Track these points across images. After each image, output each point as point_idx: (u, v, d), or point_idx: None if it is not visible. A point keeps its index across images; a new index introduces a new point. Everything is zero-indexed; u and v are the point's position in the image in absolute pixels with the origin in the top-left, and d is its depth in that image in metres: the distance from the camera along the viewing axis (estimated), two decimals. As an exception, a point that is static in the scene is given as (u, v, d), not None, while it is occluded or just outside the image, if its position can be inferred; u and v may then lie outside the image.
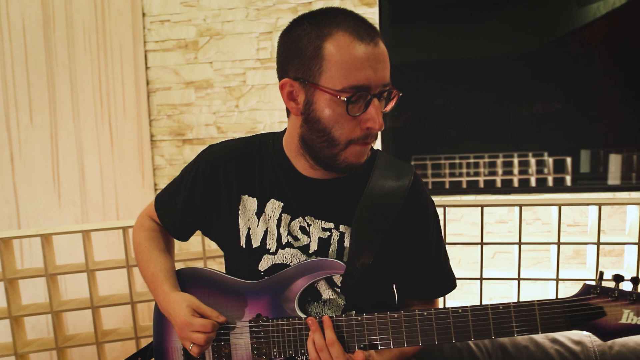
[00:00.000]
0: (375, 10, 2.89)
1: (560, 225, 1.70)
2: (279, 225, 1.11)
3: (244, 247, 1.12)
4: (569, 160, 2.93)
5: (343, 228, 1.10)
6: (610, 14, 2.80)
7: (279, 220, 1.12)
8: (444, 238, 2.00)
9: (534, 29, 2.89)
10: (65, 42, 2.50)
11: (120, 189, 2.69)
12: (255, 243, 1.12)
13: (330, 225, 1.11)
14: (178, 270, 1.21)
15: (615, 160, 2.90)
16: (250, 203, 1.13)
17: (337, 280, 1.09)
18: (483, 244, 1.80)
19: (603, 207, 1.71)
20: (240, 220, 1.13)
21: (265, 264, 1.11)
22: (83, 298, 1.78)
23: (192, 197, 1.18)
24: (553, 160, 2.94)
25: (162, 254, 1.22)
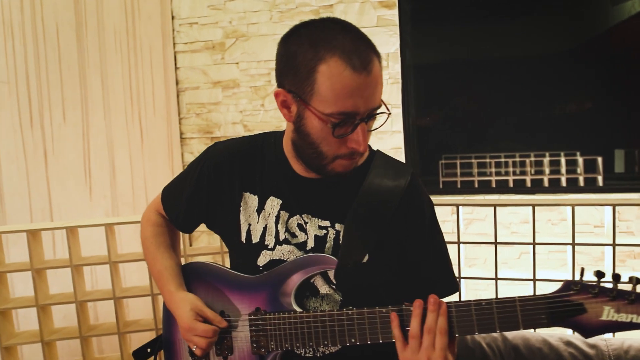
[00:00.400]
0: (395, 12, 2.89)
1: (575, 226, 1.67)
2: (277, 222, 1.15)
3: (244, 242, 1.16)
4: (600, 160, 2.87)
5: (339, 226, 1.12)
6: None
7: (278, 218, 1.15)
8: (459, 237, 2.00)
9: (567, 28, 2.84)
10: (97, 44, 2.61)
11: (150, 185, 2.78)
12: (255, 239, 1.15)
13: (327, 224, 1.13)
14: (184, 265, 1.26)
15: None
16: (252, 200, 1.17)
17: (331, 276, 1.11)
18: (497, 244, 1.79)
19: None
20: (242, 217, 1.17)
21: (264, 259, 1.14)
22: (106, 289, 1.87)
23: (196, 192, 1.22)
24: (584, 160, 2.87)
25: (167, 251, 1.27)
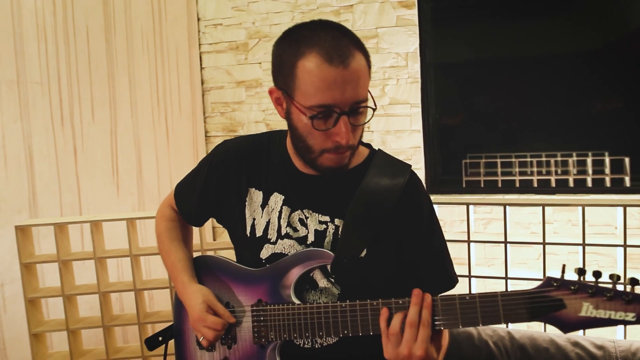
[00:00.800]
0: (414, 12, 2.91)
1: (585, 227, 1.67)
2: (280, 217, 1.20)
3: (249, 236, 1.22)
4: (628, 161, 2.82)
5: (338, 222, 1.17)
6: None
7: (280, 213, 1.20)
8: (469, 236, 2.01)
9: (595, 27, 2.81)
10: (125, 46, 2.72)
11: (175, 182, 2.83)
12: (259, 233, 1.21)
13: (327, 219, 1.18)
14: (195, 258, 1.33)
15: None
16: (257, 195, 1.23)
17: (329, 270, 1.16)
18: (507, 243, 1.80)
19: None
20: (247, 211, 1.23)
21: (266, 253, 1.20)
22: (128, 281, 1.96)
23: (206, 188, 1.29)
24: (610, 160, 2.83)
25: (180, 245, 1.34)
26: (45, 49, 2.33)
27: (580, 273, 0.89)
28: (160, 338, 1.34)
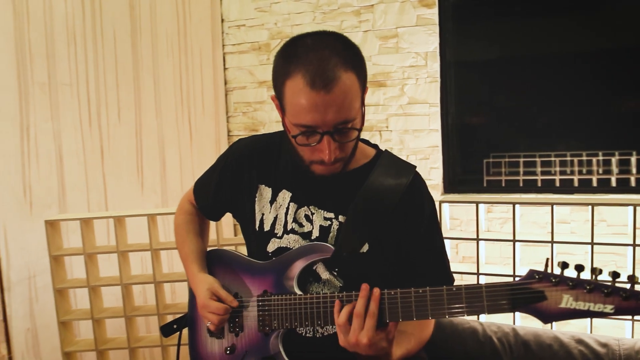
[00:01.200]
0: (434, 11, 2.93)
1: (594, 227, 1.67)
2: (287, 213, 1.27)
3: (257, 230, 1.29)
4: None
5: (342, 218, 1.23)
6: None
7: (287, 209, 1.27)
8: (478, 235, 2.02)
9: (619, 25, 2.77)
10: (150, 49, 2.82)
11: (199, 180, 2.96)
12: (266, 227, 1.28)
13: (331, 215, 1.24)
14: (209, 251, 1.41)
15: None
16: (266, 192, 1.30)
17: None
18: (515, 241, 1.82)
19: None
20: (256, 207, 1.30)
21: (273, 246, 1.26)
22: (149, 274, 2.05)
23: (221, 185, 1.37)
24: (637, 160, 2.79)
25: (195, 237, 1.43)
26: (75, 53, 2.45)
27: (564, 267, 0.93)
28: (175, 326, 1.42)
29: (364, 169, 1.25)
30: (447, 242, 2.34)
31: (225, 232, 1.98)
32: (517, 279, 0.97)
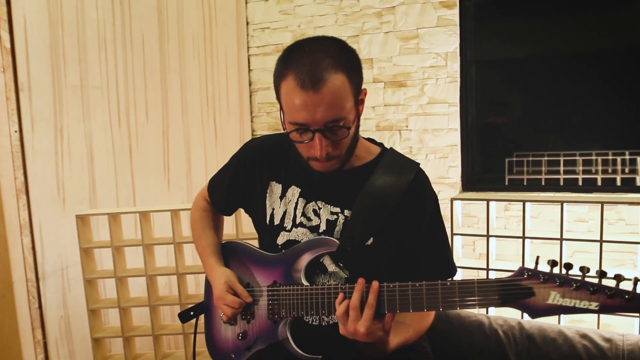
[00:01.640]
0: (455, 12, 2.95)
1: (603, 225, 1.69)
2: (296, 208, 1.34)
3: (268, 224, 1.37)
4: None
5: (347, 213, 1.30)
6: None
7: (296, 204, 1.35)
8: (488, 231, 2.02)
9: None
10: (177, 51, 2.94)
11: (223, 178, 3.07)
12: (276, 221, 1.36)
13: (337, 210, 1.31)
14: (223, 243, 1.50)
15: None
16: (277, 188, 1.38)
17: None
18: (525, 238, 1.85)
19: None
20: (267, 202, 1.38)
21: (282, 239, 1.34)
22: (172, 266, 2.16)
23: (234, 181, 1.45)
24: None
25: (211, 232, 1.52)
26: (105, 57, 2.58)
27: (553, 265, 0.98)
28: (192, 313, 1.51)
29: (369, 166, 1.32)
30: (459, 238, 2.39)
31: (245, 227, 2.06)
32: (508, 275, 1.02)
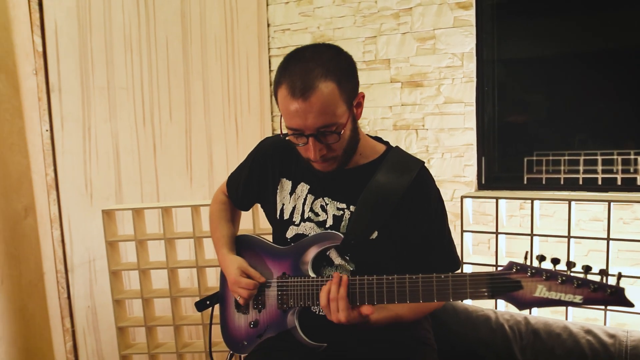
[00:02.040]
0: (471, 13, 2.98)
1: (610, 224, 1.71)
2: (304, 203, 1.42)
3: (278, 218, 1.45)
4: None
5: (353, 208, 1.37)
6: None
7: (305, 199, 1.42)
8: (497, 229, 2.04)
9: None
10: (200, 53, 3.04)
11: (244, 176, 3.16)
12: (286, 216, 1.44)
13: (343, 206, 1.38)
14: (237, 236, 1.58)
15: None
16: (287, 184, 1.46)
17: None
18: (533, 235, 1.89)
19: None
20: (278, 197, 1.46)
21: (291, 233, 1.42)
22: (193, 260, 2.26)
23: (249, 179, 1.54)
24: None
25: (227, 224, 1.60)
26: (131, 59, 2.70)
27: (541, 260, 1.03)
28: (208, 302, 1.60)
29: (373, 164, 1.39)
30: (469, 235, 2.43)
31: (262, 222, 2.15)
32: (498, 269, 1.07)
